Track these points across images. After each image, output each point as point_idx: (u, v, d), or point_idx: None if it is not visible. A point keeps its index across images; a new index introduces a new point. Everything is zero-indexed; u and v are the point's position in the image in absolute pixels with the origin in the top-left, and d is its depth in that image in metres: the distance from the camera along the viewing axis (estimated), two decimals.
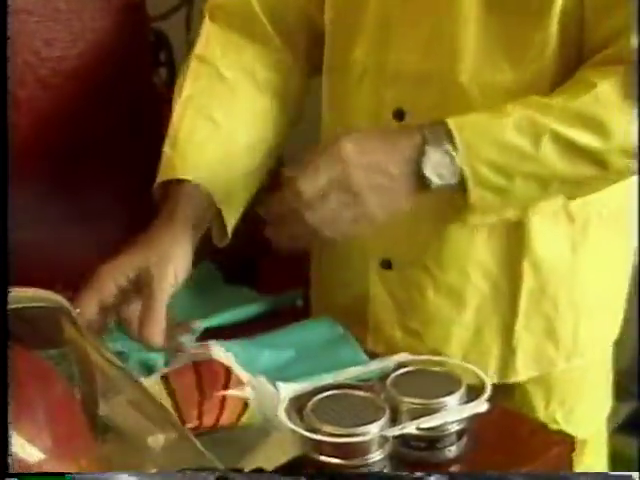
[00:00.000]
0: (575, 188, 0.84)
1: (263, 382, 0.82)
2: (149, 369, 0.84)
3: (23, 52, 0.88)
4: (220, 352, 0.82)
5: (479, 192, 0.79)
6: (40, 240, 0.98)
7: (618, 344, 1.02)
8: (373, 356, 0.88)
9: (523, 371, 0.93)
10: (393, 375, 0.77)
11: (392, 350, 0.90)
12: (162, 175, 0.89)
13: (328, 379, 0.77)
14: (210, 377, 0.78)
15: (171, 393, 0.76)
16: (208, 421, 0.75)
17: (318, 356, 0.89)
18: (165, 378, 0.78)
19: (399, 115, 0.88)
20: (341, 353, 0.89)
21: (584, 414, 0.98)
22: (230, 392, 0.77)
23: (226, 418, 0.75)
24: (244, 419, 0.76)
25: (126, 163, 1.04)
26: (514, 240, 0.89)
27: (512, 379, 0.93)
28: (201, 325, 0.90)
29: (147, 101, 1.07)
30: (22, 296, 0.66)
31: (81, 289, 0.82)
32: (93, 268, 1.01)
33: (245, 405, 0.77)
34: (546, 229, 0.89)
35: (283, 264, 1.00)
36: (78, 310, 0.70)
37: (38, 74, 0.93)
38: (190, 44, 1.75)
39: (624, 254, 0.99)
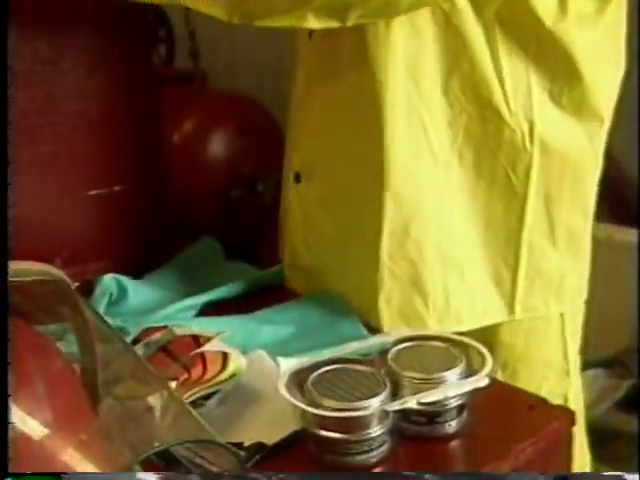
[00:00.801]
0: None
1: (263, 357, 0.82)
2: None
3: None
4: (181, 327, 0.83)
5: None
6: (40, 215, 0.97)
7: (618, 323, 1.02)
8: (374, 331, 0.88)
9: (388, 322, 0.90)
10: (394, 350, 0.77)
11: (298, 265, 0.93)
12: None
13: (328, 354, 0.77)
14: (181, 348, 0.79)
15: None
16: (196, 374, 0.76)
17: (318, 331, 0.89)
18: None
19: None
20: (341, 328, 0.89)
21: (531, 381, 0.94)
22: (204, 348, 0.79)
23: (211, 370, 0.77)
24: (230, 369, 0.78)
25: (125, 139, 1.03)
26: (373, 168, 0.87)
27: (380, 326, 0.90)
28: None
29: (146, 79, 1.06)
30: (21, 269, 0.66)
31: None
32: (92, 244, 1.02)
33: (225, 356, 0.79)
34: (408, 164, 0.87)
35: None
36: (76, 284, 0.70)
37: (35, 47, 0.92)
38: (189, 21, 1.75)
39: (499, 214, 0.91)
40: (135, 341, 0.82)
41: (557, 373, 0.99)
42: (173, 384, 0.75)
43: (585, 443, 1.03)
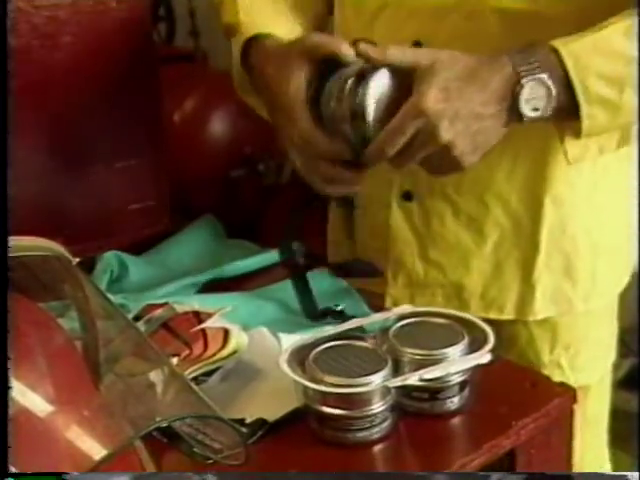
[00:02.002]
0: None
1: (265, 333, 0.82)
2: None
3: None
4: (182, 304, 0.83)
5: (591, 110, 0.75)
6: (42, 193, 0.97)
7: (620, 302, 1.02)
8: (376, 308, 0.88)
9: (541, 310, 0.93)
10: (395, 326, 0.77)
11: (412, 283, 0.91)
12: (239, 43, 0.87)
13: (330, 330, 0.77)
14: (182, 325, 0.79)
15: None
16: (197, 350, 0.77)
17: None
18: None
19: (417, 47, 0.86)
20: (343, 306, 0.89)
21: (588, 360, 0.98)
22: (205, 324, 0.79)
23: (213, 346, 0.77)
24: (232, 345, 0.78)
25: (124, 117, 1.03)
26: (536, 176, 0.89)
27: (530, 317, 0.93)
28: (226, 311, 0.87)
29: (146, 56, 1.05)
30: (23, 245, 0.65)
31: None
32: (93, 222, 1.01)
33: (226, 332, 0.79)
34: (568, 167, 0.88)
35: (284, 218, 1.00)
36: (77, 259, 0.70)
37: (32, 22, 0.92)
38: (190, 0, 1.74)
39: (633, 203, 0.97)
40: (136, 318, 0.82)
41: (608, 349, 1.02)
42: (174, 360, 0.75)
43: (605, 420, 1.05)
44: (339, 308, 0.88)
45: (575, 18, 0.80)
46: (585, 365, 0.98)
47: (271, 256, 1.00)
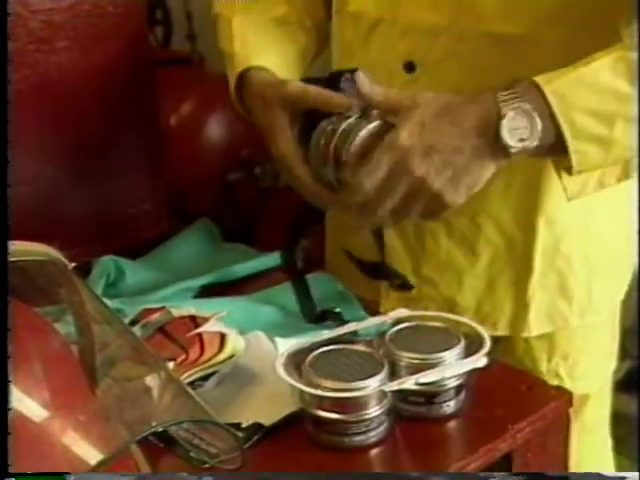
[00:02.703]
0: None
1: (261, 337, 0.82)
2: None
3: (13, 4, 0.87)
4: (178, 309, 0.83)
5: (580, 146, 0.74)
6: (38, 197, 0.97)
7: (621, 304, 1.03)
8: (372, 313, 0.88)
9: (536, 327, 0.93)
10: (392, 330, 0.77)
11: (406, 298, 0.90)
12: (234, 75, 0.88)
13: (326, 334, 0.77)
14: (178, 329, 0.79)
15: None
16: (194, 355, 0.77)
17: None
18: None
19: (409, 67, 0.87)
20: (340, 309, 0.89)
21: (588, 369, 0.98)
22: (202, 329, 0.79)
23: (209, 351, 0.77)
24: (228, 350, 0.78)
25: (122, 119, 1.03)
26: (529, 198, 0.89)
27: (525, 334, 0.93)
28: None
29: (142, 60, 1.06)
30: (18, 249, 0.65)
31: None
32: (89, 227, 1.01)
33: (223, 337, 0.79)
34: (561, 187, 0.88)
35: (281, 222, 1.00)
36: (73, 264, 0.70)
37: (28, 26, 0.92)
38: (187, 2, 1.74)
39: (633, 209, 0.97)
40: (133, 322, 0.82)
41: (608, 357, 1.03)
42: (171, 365, 0.75)
43: (606, 425, 1.05)
44: (337, 310, 0.88)
45: (564, 43, 0.80)
46: (584, 374, 0.97)
47: (268, 260, 1.00)
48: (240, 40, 0.91)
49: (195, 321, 0.80)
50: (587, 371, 0.98)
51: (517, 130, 0.72)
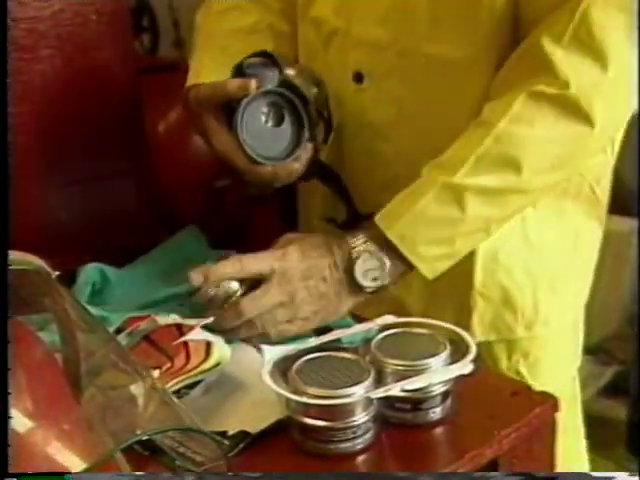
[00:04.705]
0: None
1: (247, 345, 0.82)
2: None
3: None
4: (164, 317, 0.83)
5: (429, 265, 0.85)
6: (22, 205, 0.96)
7: (603, 310, 1.03)
8: (359, 320, 0.88)
9: (480, 335, 0.95)
10: (378, 337, 0.77)
11: None
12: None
13: (312, 342, 0.77)
14: (164, 337, 0.79)
15: None
16: (179, 363, 0.77)
17: None
18: None
19: (358, 77, 0.92)
20: None
21: (549, 368, 0.99)
22: (187, 337, 0.79)
23: (195, 359, 0.78)
24: (214, 358, 0.78)
25: (108, 127, 1.03)
26: None
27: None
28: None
29: (127, 68, 1.05)
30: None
31: None
32: (73, 235, 1.01)
33: (208, 345, 0.79)
34: None
35: (269, 228, 1.00)
36: (57, 273, 0.69)
37: (11, 35, 0.91)
38: (173, 9, 1.74)
39: (585, 223, 0.99)
40: (118, 330, 0.81)
41: (571, 357, 1.03)
42: (156, 373, 0.74)
43: (580, 426, 1.06)
44: None
45: (499, 66, 0.86)
46: (545, 372, 0.98)
47: None
48: (197, 56, 0.98)
49: (181, 329, 0.80)
50: (549, 369, 0.99)
51: (369, 271, 0.83)
